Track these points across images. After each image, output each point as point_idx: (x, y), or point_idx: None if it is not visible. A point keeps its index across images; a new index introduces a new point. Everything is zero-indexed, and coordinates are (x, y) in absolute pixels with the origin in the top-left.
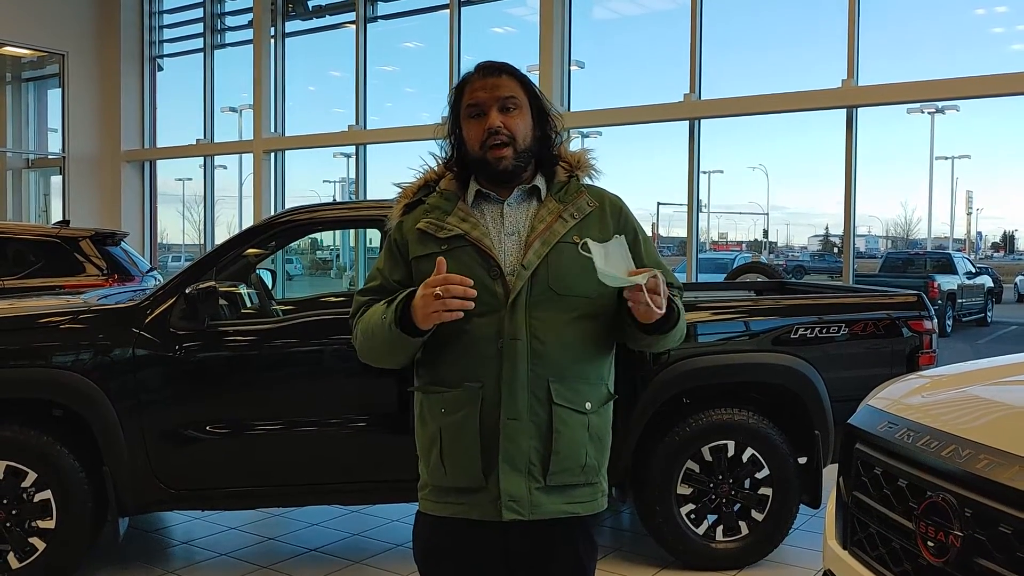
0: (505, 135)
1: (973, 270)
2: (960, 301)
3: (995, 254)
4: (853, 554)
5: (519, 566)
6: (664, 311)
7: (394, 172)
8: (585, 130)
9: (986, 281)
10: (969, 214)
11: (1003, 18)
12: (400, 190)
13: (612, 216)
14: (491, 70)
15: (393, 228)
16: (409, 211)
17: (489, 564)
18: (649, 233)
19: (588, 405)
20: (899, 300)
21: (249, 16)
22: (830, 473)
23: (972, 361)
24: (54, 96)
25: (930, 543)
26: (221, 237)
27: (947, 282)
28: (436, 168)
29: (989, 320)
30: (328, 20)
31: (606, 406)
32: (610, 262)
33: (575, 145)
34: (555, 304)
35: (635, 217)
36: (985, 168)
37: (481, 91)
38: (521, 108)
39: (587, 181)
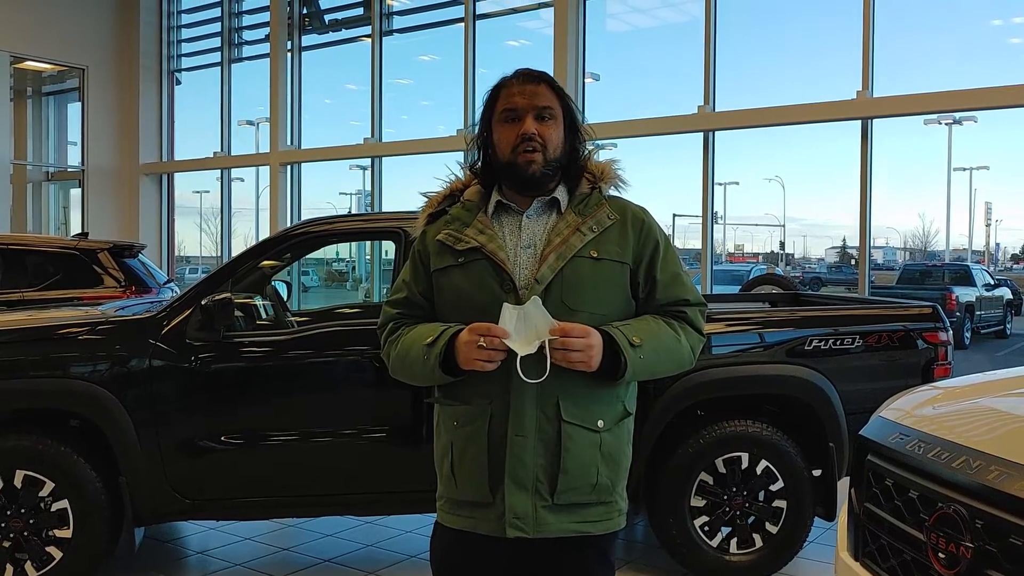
0: (538, 142)
1: (992, 282)
2: (978, 313)
3: (1015, 266)
4: (865, 565)
5: None
6: (595, 364)
7: (410, 184)
8: (600, 142)
9: (1005, 293)
10: (988, 225)
11: (1021, 28)
12: (426, 200)
13: (634, 228)
14: (530, 78)
15: (417, 238)
16: (433, 221)
17: None
18: None
19: (600, 423)
20: (914, 312)
21: (266, 30)
22: (845, 485)
23: (984, 373)
24: (74, 110)
25: (941, 555)
26: (238, 249)
27: (965, 294)
28: (463, 178)
29: (1008, 332)
30: (344, 34)
31: (621, 424)
32: (528, 322)
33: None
34: (567, 318)
35: (660, 228)
36: (1004, 179)
37: (519, 97)
38: (556, 119)
39: (613, 192)
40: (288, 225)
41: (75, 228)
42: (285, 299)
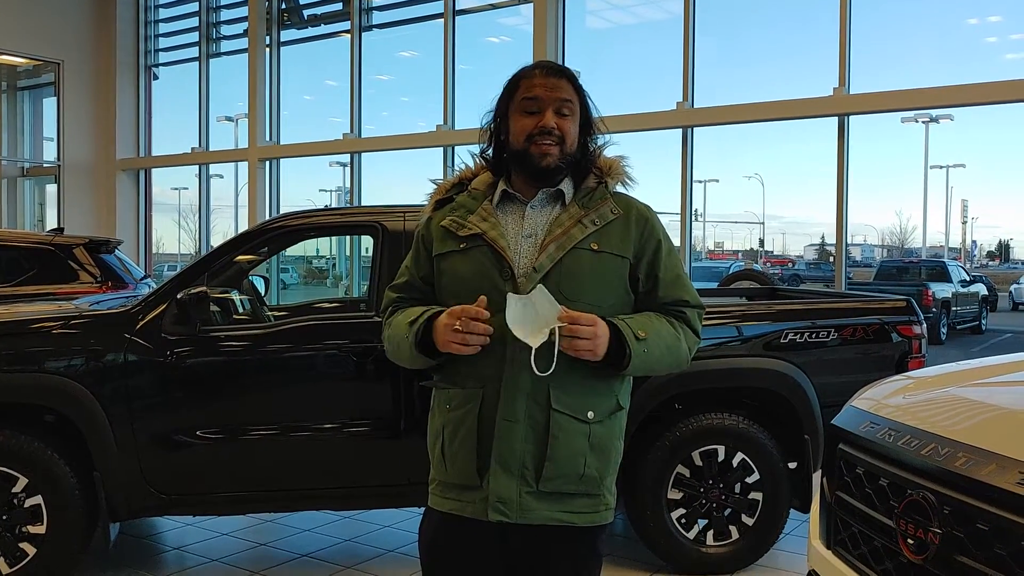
0: (557, 135)
1: (967, 278)
2: (954, 309)
3: (990, 263)
4: (836, 554)
5: (517, 569)
6: (600, 353)
7: (389, 181)
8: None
9: (980, 289)
10: (964, 223)
11: (996, 27)
12: (435, 186)
13: (637, 225)
14: (553, 71)
15: (422, 224)
16: (440, 208)
17: (486, 563)
18: None
19: (591, 414)
20: (889, 305)
21: (244, 25)
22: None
23: (955, 363)
24: (49, 104)
25: (910, 540)
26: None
27: (941, 290)
28: (473, 167)
29: (983, 328)
30: (323, 29)
31: (613, 417)
32: (535, 311)
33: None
34: None
35: (663, 227)
36: (980, 177)
37: (541, 88)
38: (573, 114)
39: (620, 189)
40: None
41: (51, 224)
42: (263, 294)
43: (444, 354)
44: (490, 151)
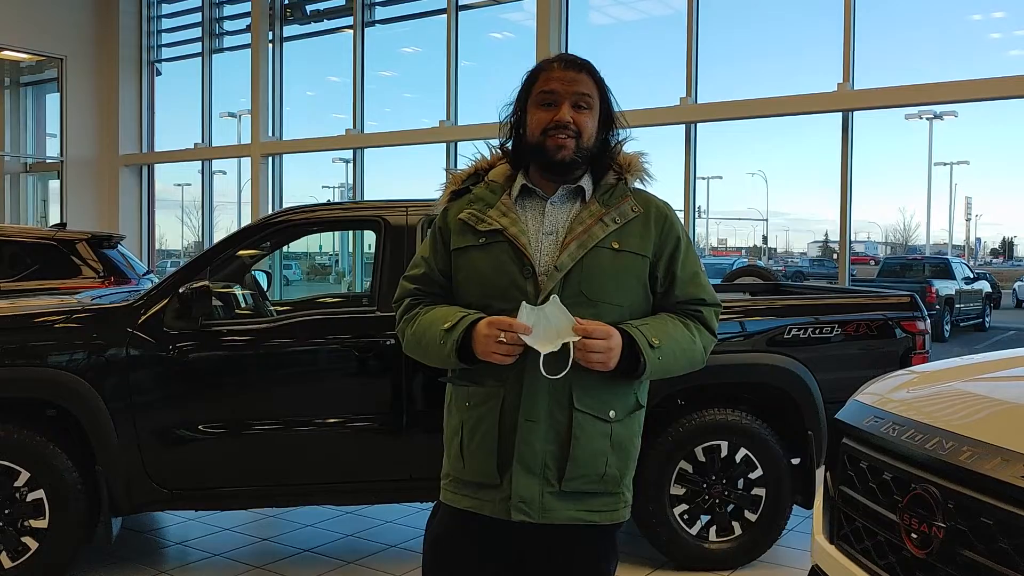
0: (573, 130)
1: (971, 275)
2: (958, 306)
3: (994, 260)
4: (840, 548)
5: (535, 568)
6: (612, 365)
7: (392, 177)
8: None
9: (984, 286)
10: (968, 220)
11: (1000, 23)
12: (450, 176)
13: (656, 223)
14: (572, 64)
15: (438, 215)
16: (456, 199)
17: (499, 562)
18: None
19: (612, 413)
20: (893, 301)
21: (247, 20)
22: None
23: (958, 357)
24: (52, 100)
25: (914, 535)
26: None
27: (945, 287)
28: (489, 157)
29: (987, 325)
30: (326, 24)
31: (633, 415)
32: (547, 322)
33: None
34: (585, 308)
35: (682, 226)
36: (984, 174)
37: (558, 82)
38: (592, 109)
39: (638, 185)
40: None
41: (54, 219)
42: (265, 289)
43: (479, 361)
44: (509, 144)
